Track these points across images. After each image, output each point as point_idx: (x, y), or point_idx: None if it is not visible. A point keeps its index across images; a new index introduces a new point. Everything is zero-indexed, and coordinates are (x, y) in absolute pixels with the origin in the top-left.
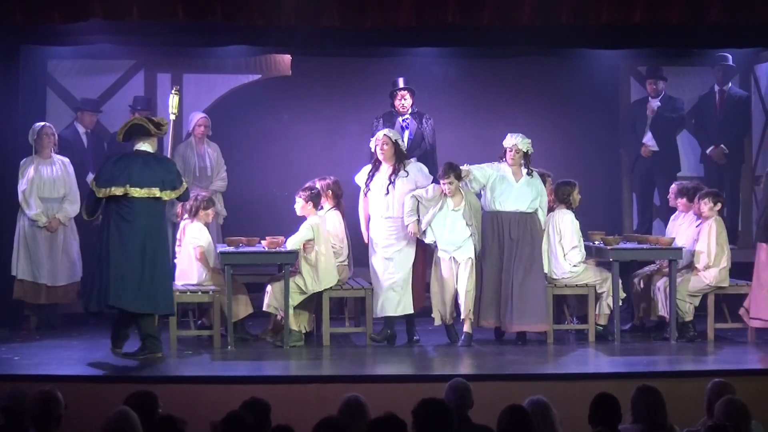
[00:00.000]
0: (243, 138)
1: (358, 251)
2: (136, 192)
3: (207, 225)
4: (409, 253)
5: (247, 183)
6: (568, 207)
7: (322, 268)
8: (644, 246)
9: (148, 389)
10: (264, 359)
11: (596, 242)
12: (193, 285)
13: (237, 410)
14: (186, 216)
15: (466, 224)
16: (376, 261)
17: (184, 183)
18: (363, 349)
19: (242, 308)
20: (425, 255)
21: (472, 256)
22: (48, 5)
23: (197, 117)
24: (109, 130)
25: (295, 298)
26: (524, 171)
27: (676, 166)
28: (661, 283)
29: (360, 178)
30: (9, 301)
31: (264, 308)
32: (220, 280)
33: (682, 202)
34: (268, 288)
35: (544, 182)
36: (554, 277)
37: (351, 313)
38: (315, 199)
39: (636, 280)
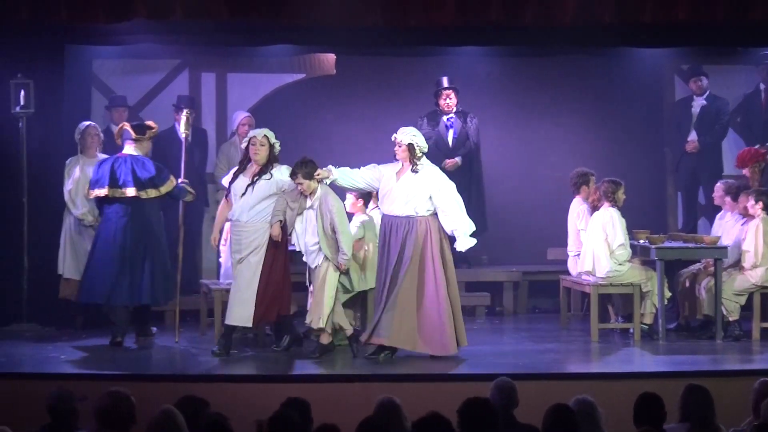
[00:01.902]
0: (287, 137)
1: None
2: (117, 193)
3: None
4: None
5: None
6: (614, 206)
7: (370, 268)
8: (689, 245)
9: (198, 396)
10: (309, 358)
11: (641, 241)
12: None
13: (283, 409)
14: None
15: (323, 226)
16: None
17: (168, 181)
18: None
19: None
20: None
21: (319, 262)
22: (93, 5)
23: (241, 116)
24: None
25: (342, 297)
26: (409, 168)
27: (720, 165)
28: (706, 282)
29: (227, 180)
30: (55, 300)
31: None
32: None
33: (727, 200)
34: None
35: (587, 182)
36: (599, 275)
37: None
38: (366, 197)
39: (681, 279)
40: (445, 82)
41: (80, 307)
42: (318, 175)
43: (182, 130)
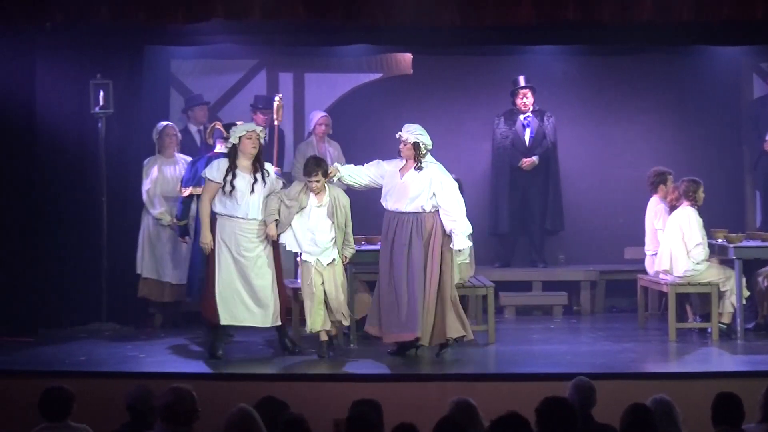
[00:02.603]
0: (364, 137)
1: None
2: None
3: None
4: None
5: None
6: (693, 205)
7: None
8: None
9: (277, 397)
10: (385, 358)
11: (719, 240)
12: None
13: (360, 408)
14: None
15: (332, 223)
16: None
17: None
18: (484, 348)
19: (363, 306)
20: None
21: (337, 257)
22: (171, 6)
23: (318, 116)
24: None
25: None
26: (413, 166)
27: None
28: None
29: (214, 173)
30: (134, 299)
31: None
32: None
33: None
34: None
35: (665, 181)
36: (676, 274)
37: (473, 311)
38: None
39: (760, 279)
40: (521, 81)
41: (158, 306)
42: (330, 173)
43: (275, 117)
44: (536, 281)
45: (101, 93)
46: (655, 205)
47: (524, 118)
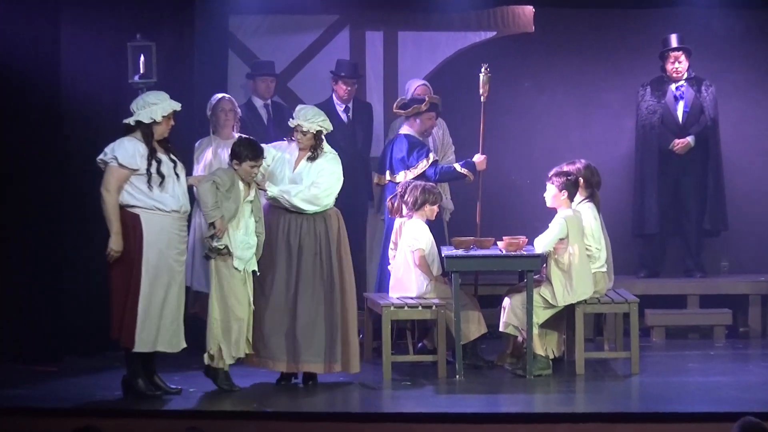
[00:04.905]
0: (472, 111)
1: None
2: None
3: (428, 222)
4: None
5: None
6: None
7: (577, 275)
8: None
9: None
10: (501, 392)
11: None
12: (411, 298)
13: None
14: (405, 211)
15: (256, 223)
16: None
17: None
18: (626, 381)
19: (473, 327)
20: None
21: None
22: None
23: (415, 85)
24: (306, 102)
25: (541, 315)
26: (306, 156)
27: None
28: None
29: (128, 158)
30: (185, 317)
31: (501, 328)
32: (446, 291)
33: None
34: (506, 302)
35: None
36: None
37: (611, 333)
38: (571, 188)
39: None
40: (673, 41)
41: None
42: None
43: (481, 91)
44: (692, 295)
45: (142, 58)
46: None
47: (676, 89)
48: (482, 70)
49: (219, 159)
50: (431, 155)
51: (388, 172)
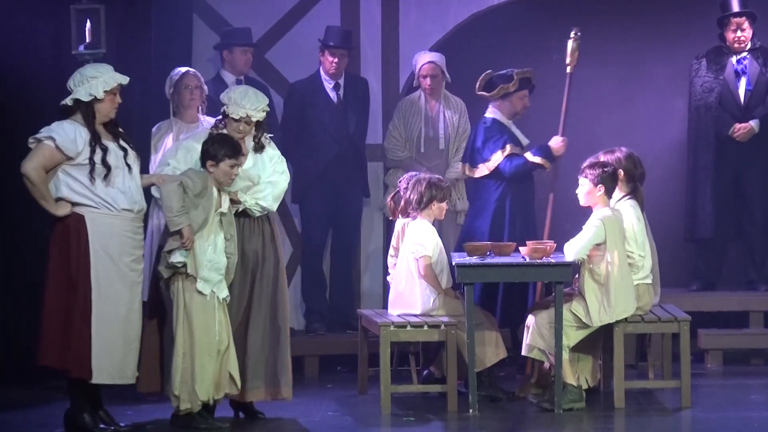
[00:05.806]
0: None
1: None
2: None
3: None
4: None
5: None
6: None
7: (615, 289)
8: None
9: None
10: (524, 429)
11: None
12: (415, 315)
13: None
14: (410, 210)
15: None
16: None
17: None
18: (676, 415)
19: (490, 351)
20: None
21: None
22: None
23: (423, 59)
24: (287, 78)
25: (572, 336)
26: (252, 146)
27: None
28: None
29: (67, 142)
30: None
31: (524, 352)
32: (458, 307)
33: None
34: (531, 320)
35: None
36: None
37: (656, 358)
38: (609, 182)
39: None
40: (735, 4)
41: None
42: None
43: (568, 62)
44: (756, 312)
45: (87, 24)
46: None
47: (738, 62)
48: (571, 35)
49: None
50: (508, 146)
51: (467, 165)
